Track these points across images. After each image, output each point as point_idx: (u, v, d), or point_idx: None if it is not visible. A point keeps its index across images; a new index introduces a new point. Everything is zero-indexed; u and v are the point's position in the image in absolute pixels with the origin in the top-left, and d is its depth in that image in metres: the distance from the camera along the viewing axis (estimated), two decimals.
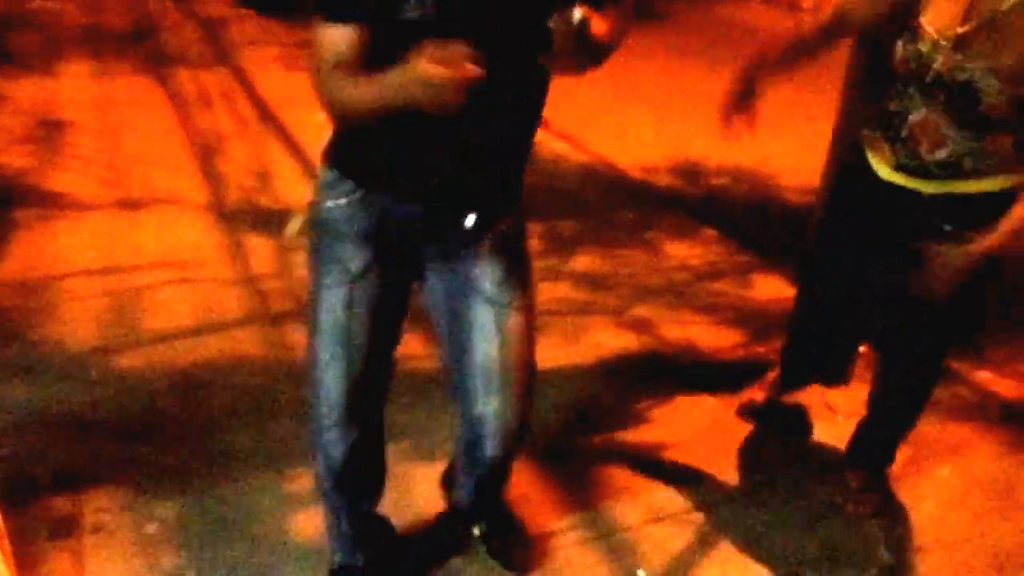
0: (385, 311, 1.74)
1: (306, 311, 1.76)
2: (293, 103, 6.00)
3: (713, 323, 3.33)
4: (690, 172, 5.35)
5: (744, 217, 4.52)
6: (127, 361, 2.82)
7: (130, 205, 3.97)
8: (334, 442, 1.79)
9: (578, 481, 2.43)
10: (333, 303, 1.69)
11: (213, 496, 2.28)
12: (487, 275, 1.71)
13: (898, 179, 2.10)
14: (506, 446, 1.82)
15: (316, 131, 5.40)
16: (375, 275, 1.69)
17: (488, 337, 1.72)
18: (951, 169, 1.99)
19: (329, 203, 1.67)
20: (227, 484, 2.32)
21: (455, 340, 1.77)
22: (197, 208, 4.08)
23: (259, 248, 3.68)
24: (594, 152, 5.23)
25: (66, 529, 2.12)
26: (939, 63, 1.92)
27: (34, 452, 2.39)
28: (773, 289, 3.60)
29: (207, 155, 4.85)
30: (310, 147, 5.09)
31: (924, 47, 1.94)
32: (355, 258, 1.67)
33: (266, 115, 5.80)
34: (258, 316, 3.15)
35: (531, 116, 1.68)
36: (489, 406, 1.76)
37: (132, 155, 4.65)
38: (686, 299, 3.53)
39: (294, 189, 4.42)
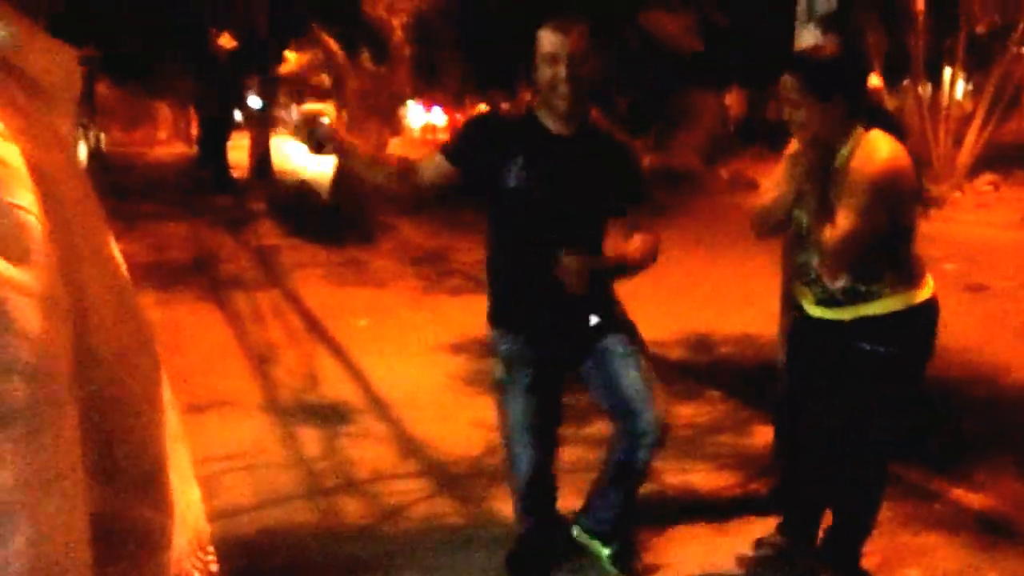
0: (549, 401, 2.73)
1: (498, 418, 2.79)
2: (338, 314, 6.68)
3: (713, 468, 3.69)
4: (699, 343, 5.81)
5: (748, 378, 4.92)
6: None
7: (196, 409, 4.50)
8: (528, 494, 2.81)
9: None
10: (517, 410, 2.67)
11: None
12: (616, 339, 2.64)
13: (820, 312, 2.62)
14: (660, 439, 2.64)
15: (358, 334, 6.05)
16: (539, 384, 2.66)
17: (629, 366, 2.62)
18: (852, 295, 2.51)
19: (502, 347, 2.67)
20: None
21: (609, 383, 2.64)
22: (255, 408, 4.61)
23: (309, 437, 4.17)
24: None
25: None
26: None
27: None
28: (771, 437, 3.96)
29: (261, 363, 5.44)
30: (352, 349, 5.67)
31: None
32: (525, 377, 2.64)
33: (313, 325, 6.45)
34: (310, 491, 3.59)
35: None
36: (648, 410, 2.59)
37: (196, 367, 5.25)
38: (690, 450, 3.90)
39: (339, 386, 4.96)
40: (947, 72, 14.18)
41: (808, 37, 3.10)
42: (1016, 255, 9.17)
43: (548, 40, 2.43)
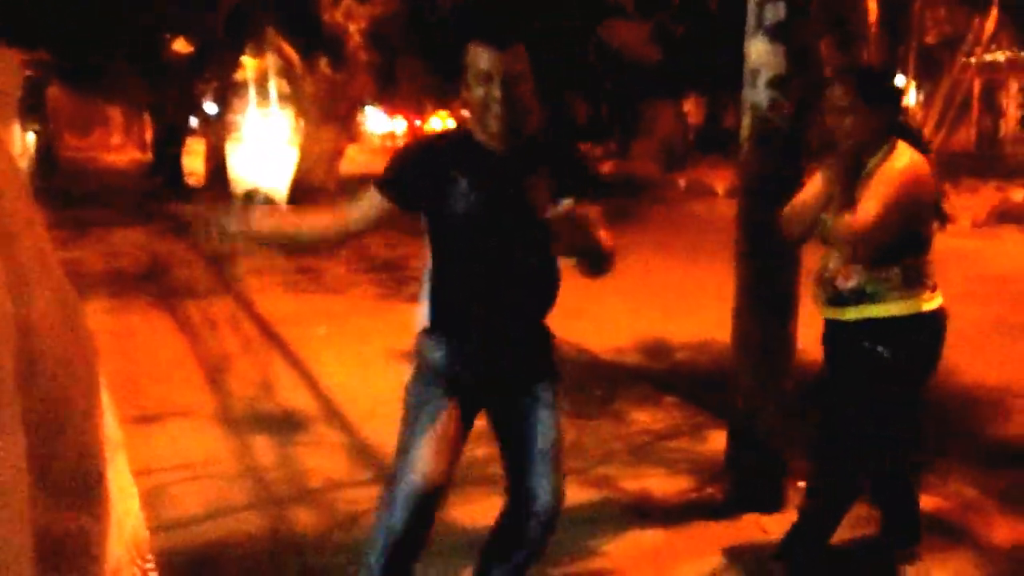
0: (455, 426, 2.35)
1: (403, 417, 2.39)
2: (294, 322, 6.61)
3: (668, 473, 3.70)
4: (656, 349, 5.85)
5: (704, 383, 4.96)
6: None
7: (147, 418, 4.42)
8: (405, 516, 2.27)
9: None
10: (427, 412, 2.32)
11: None
12: (549, 392, 2.38)
13: (829, 313, 2.74)
14: (550, 518, 2.28)
15: (314, 343, 5.98)
16: (453, 400, 2.34)
17: (550, 428, 2.32)
18: (860, 295, 2.63)
19: (434, 354, 2.39)
20: None
21: (523, 435, 2.33)
22: (207, 417, 4.54)
23: (263, 446, 4.11)
24: (565, 338, 5.75)
25: None
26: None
27: None
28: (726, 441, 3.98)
29: (215, 371, 5.37)
30: (308, 357, 5.62)
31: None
32: (440, 387, 2.35)
33: (269, 333, 6.38)
34: (263, 501, 3.54)
35: (547, 287, 2.44)
36: (544, 482, 2.27)
37: (147, 376, 5.16)
38: (645, 456, 3.92)
39: (293, 394, 4.91)
40: (899, 81, 14.45)
41: (757, 46, 3.13)
42: (964, 262, 9.37)
43: (481, 56, 2.23)
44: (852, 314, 2.66)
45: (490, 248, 2.35)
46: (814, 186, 2.73)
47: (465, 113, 2.38)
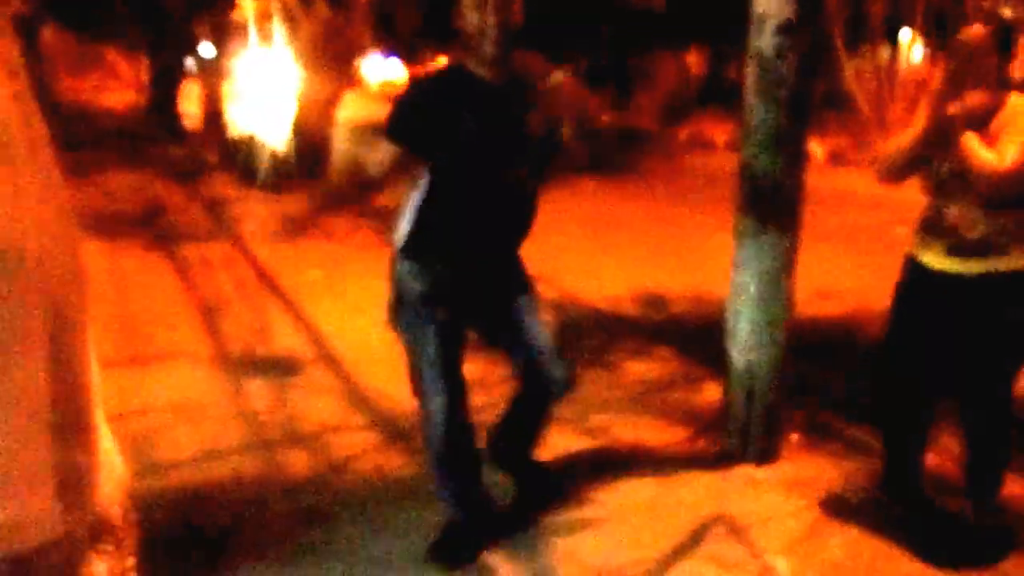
0: (456, 345, 2.63)
1: (409, 364, 2.66)
2: (289, 266, 6.58)
3: (662, 424, 3.71)
4: (652, 301, 5.83)
5: (699, 336, 4.94)
6: (137, 488, 3.18)
7: (141, 360, 4.41)
8: (445, 442, 2.66)
9: (527, 542, 2.76)
10: (429, 351, 2.56)
11: None
12: (526, 296, 2.72)
13: (949, 264, 2.61)
14: (564, 390, 2.77)
15: (310, 287, 5.93)
16: (452, 324, 2.58)
17: (539, 322, 2.71)
18: (986, 246, 2.54)
19: (421, 279, 2.55)
20: None
21: (520, 334, 2.69)
22: (201, 360, 4.52)
23: (257, 389, 4.11)
24: (562, 288, 5.73)
25: None
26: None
27: None
28: (721, 393, 3.98)
29: (210, 314, 5.35)
30: (303, 301, 5.60)
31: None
32: (441, 313, 2.55)
33: (264, 277, 6.35)
34: (257, 444, 3.54)
35: (529, 213, 2.65)
36: (556, 367, 2.71)
37: (142, 318, 5.14)
38: (639, 406, 3.92)
39: (288, 338, 4.89)
40: (906, 35, 14.26)
41: None
42: None
43: None
44: (977, 267, 2.57)
45: (487, 175, 2.50)
46: (917, 126, 2.65)
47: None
